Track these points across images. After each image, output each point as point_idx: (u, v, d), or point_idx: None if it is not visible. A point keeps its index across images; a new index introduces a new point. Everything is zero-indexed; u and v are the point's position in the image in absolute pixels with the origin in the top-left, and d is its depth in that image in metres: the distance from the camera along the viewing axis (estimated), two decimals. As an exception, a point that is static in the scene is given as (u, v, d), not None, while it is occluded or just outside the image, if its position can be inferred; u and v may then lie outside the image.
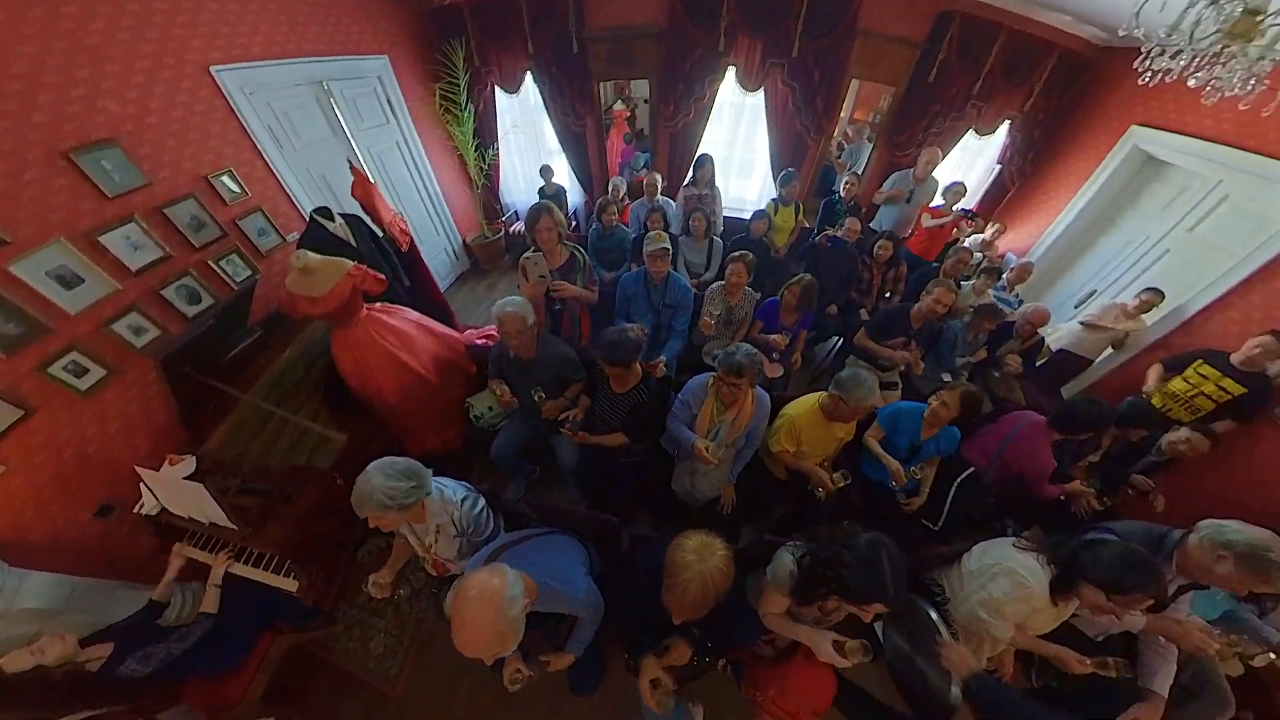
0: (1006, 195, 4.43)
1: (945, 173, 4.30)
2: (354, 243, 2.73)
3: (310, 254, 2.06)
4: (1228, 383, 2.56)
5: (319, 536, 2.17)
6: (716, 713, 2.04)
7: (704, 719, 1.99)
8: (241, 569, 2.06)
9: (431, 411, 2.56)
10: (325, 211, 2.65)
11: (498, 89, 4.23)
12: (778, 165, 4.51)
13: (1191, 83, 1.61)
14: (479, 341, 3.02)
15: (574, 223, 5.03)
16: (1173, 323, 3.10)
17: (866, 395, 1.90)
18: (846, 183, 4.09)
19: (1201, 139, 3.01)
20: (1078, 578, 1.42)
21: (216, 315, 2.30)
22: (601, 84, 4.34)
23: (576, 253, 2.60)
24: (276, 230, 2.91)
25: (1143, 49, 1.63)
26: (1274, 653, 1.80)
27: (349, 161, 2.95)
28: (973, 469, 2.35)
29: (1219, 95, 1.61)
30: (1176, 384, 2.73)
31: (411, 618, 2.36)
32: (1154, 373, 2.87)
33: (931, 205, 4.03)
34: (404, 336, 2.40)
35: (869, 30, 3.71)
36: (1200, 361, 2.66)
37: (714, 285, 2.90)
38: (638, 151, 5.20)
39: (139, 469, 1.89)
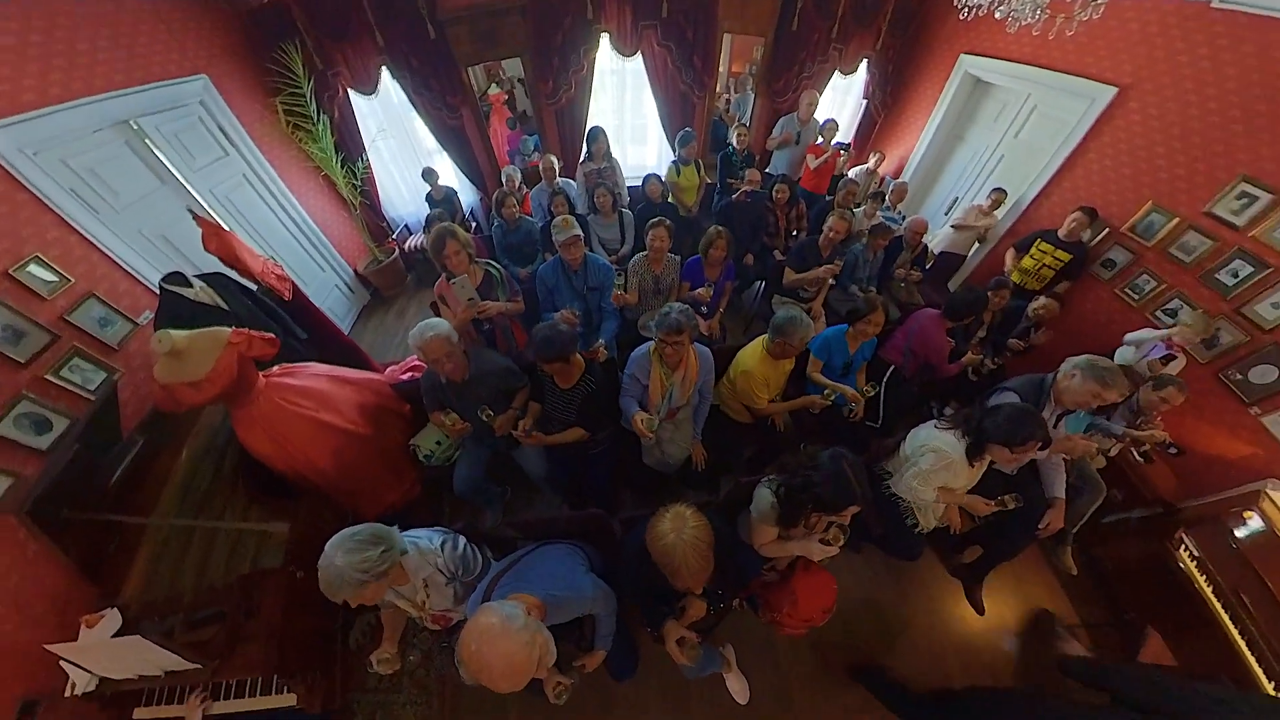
0: (875, 126, 5.00)
1: (821, 112, 4.69)
2: (225, 305, 2.41)
3: (174, 332, 1.82)
4: (1060, 253, 3.34)
5: (299, 638, 2.02)
6: (743, 644, 2.35)
7: (734, 654, 2.28)
8: (225, 705, 1.86)
9: (375, 467, 2.42)
10: (178, 277, 2.30)
11: (352, 92, 3.79)
12: (670, 127, 4.61)
13: (997, 15, 2.01)
14: (404, 377, 2.87)
15: (473, 224, 4.76)
16: (1015, 214, 3.90)
17: (808, 331, 2.14)
18: (738, 134, 4.27)
19: (1011, 61, 3.71)
20: (985, 442, 1.84)
21: (79, 437, 1.98)
22: (470, 69, 4.07)
23: (490, 269, 2.55)
24: (122, 314, 2.47)
25: None
26: (1120, 441, 2.53)
27: (190, 211, 2.53)
28: (894, 367, 2.82)
29: (1018, 24, 2.01)
30: (1026, 261, 3.50)
31: (432, 679, 2.30)
32: (1009, 256, 3.63)
33: (813, 142, 4.43)
34: (317, 395, 2.22)
35: None
36: (1039, 240, 3.43)
37: (636, 258, 2.97)
38: (524, 135, 4.99)
39: (51, 648, 1.60)
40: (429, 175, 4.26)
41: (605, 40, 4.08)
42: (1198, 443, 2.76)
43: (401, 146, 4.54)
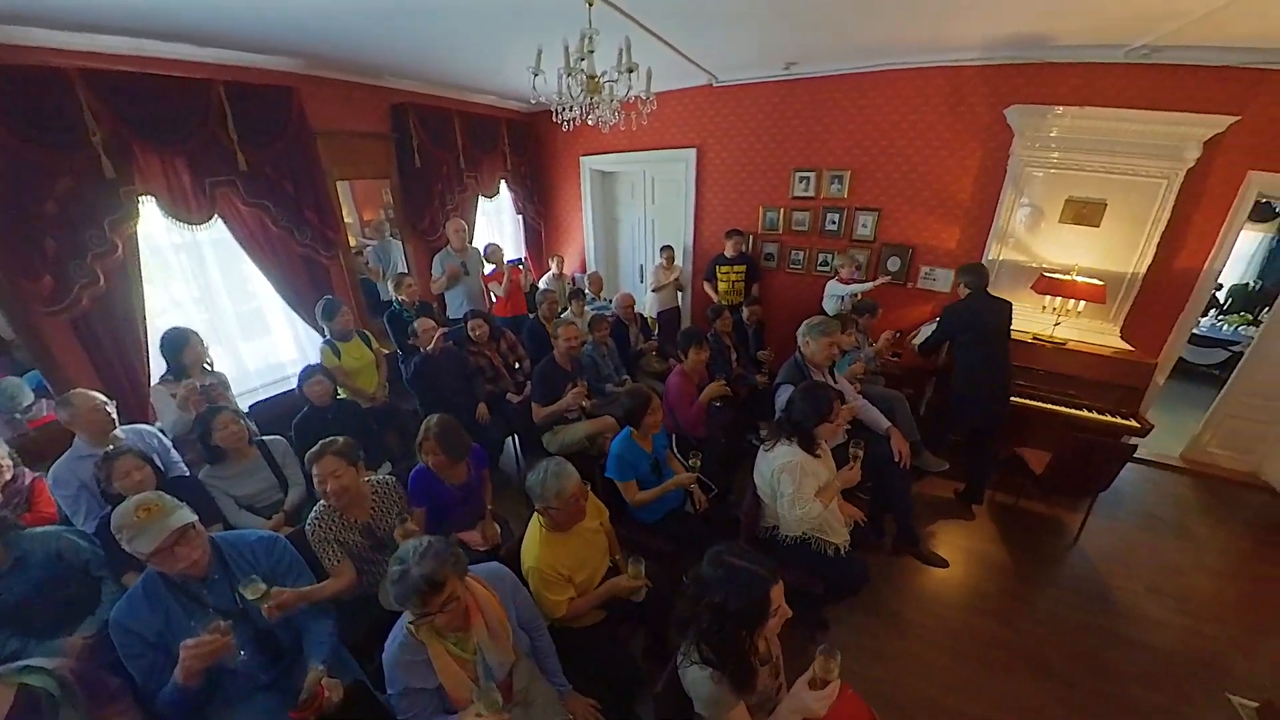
0: (542, 234, 5.87)
1: (482, 237, 5.18)
2: None
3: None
4: (737, 268, 4.75)
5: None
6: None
7: None
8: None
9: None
10: None
11: None
12: (299, 302, 3.83)
13: (590, 122, 2.67)
14: None
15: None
16: (689, 256, 5.33)
17: (564, 480, 1.85)
18: (399, 284, 4.05)
19: (619, 151, 5.23)
20: (806, 430, 2.18)
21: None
22: None
23: None
24: None
25: (552, 109, 2.63)
26: (874, 352, 3.64)
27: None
28: (675, 435, 3.08)
29: (607, 125, 2.73)
30: (722, 284, 4.78)
31: None
32: (708, 287, 4.90)
33: (486, 273, 4.73)
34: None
35: (330, 130, 3.83)
36: (717, 266, 4.78)
37: (317, 511, 2.05)
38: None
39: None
40: None
41: (153, 206, 3.05)
42: (906, 319, 4.36)
43: None
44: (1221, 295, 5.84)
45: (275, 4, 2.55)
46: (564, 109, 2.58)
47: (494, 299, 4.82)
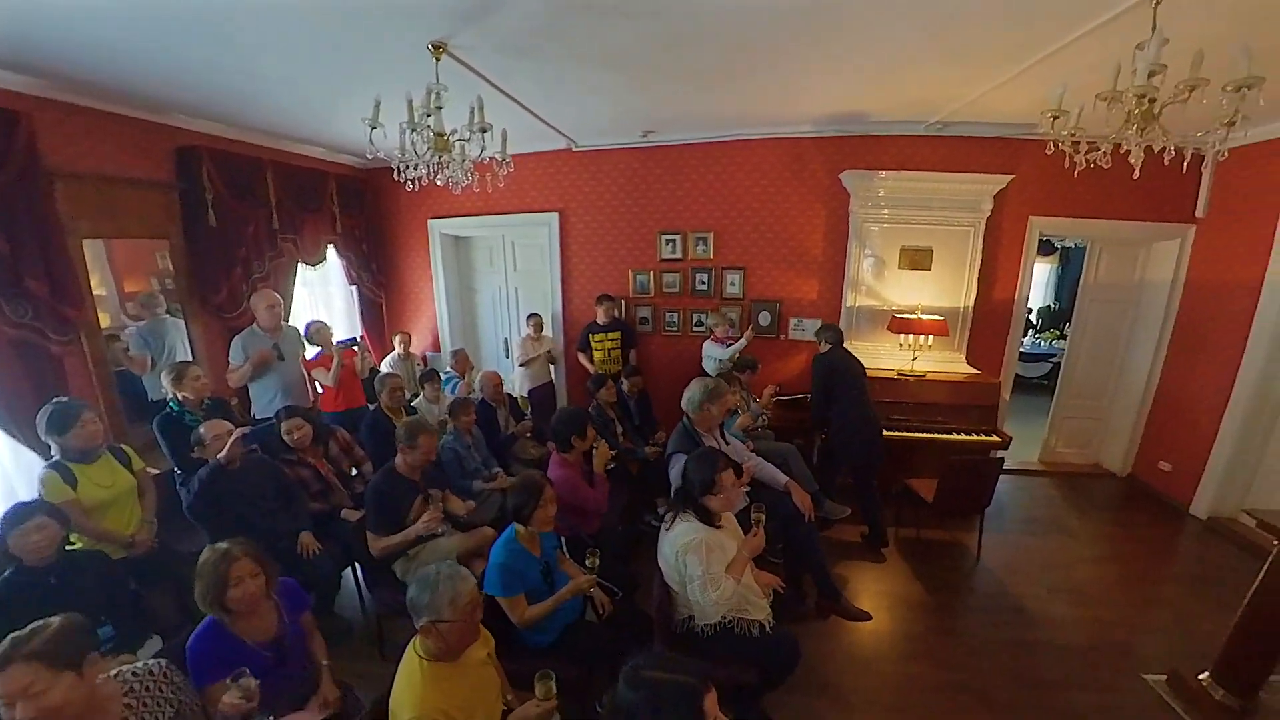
0: (382, 308, 5.28)
1: (304, 314, 4.48)
2: None
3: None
4: (611, 335, 4.72)
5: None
6: None
7: None
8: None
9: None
10: None
11: None
12: (7, 408, 2.84)
13: (439, 182, 2.62)
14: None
15: None
16: (559, 326, 5.21)
17: (459, 582, 1.62)
18: (180, 378, 3.09)
19: (474, 215, 5.03)
20: (702, 503, 2.14)
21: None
22: None
23: None
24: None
25: (393, 167, 2.54)
26: (760, 407, 3.82)
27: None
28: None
29: (459, 187, 2.69)
30: (597, 354, 4.72)
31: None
32: (583, 358, 4.85)
33: (309, 357, 4.02)
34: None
35: (79, 173, 3.09)
36: (590, 334, 4.74)
37: None
38: None
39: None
40: None
41: None
42: (785, 371, 4.71)
43: None
44: (1033, 317, 7.69)
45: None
46: (408, 167, 2.48)
47: (320, 389, 4.08)
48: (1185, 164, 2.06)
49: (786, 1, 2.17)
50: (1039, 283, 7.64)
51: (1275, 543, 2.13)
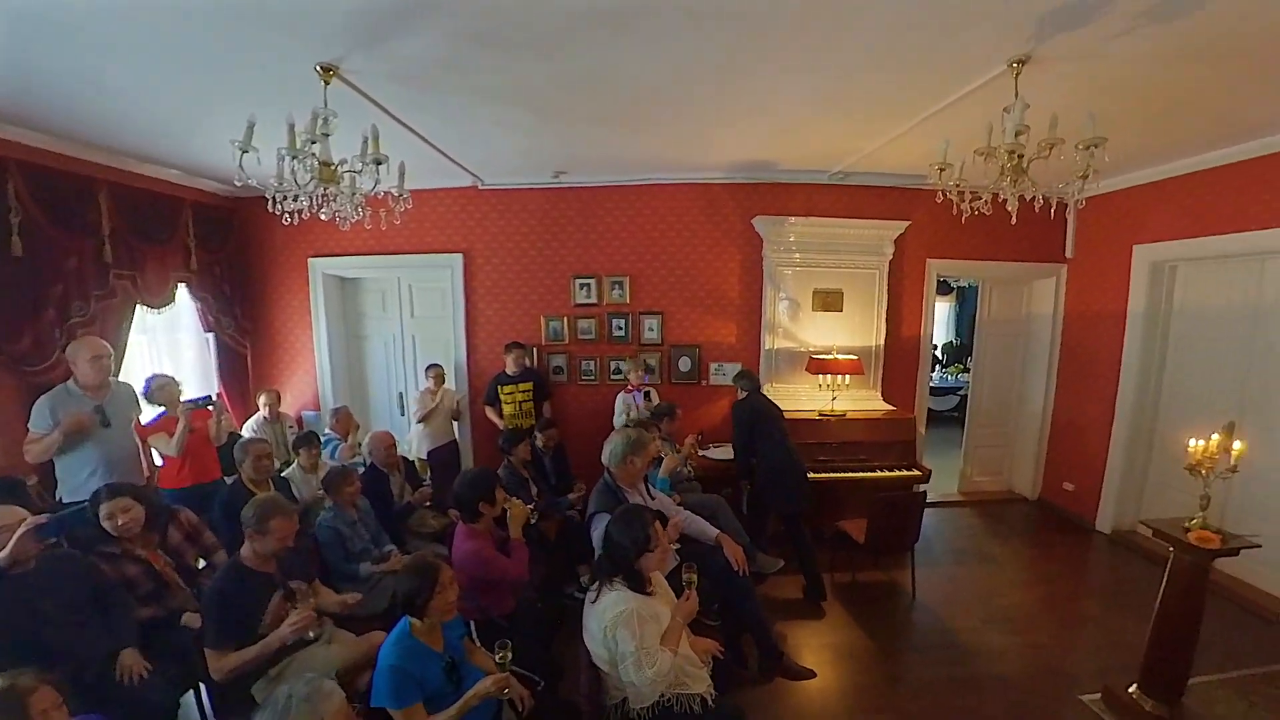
0: (247, 360, 4.65)
1: (142, 368, 3.83)
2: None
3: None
4: (522, 386, 4.47)
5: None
6: None
7: None
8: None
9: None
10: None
11: None
12: None
13: (323, 216, 2.44)
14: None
15: None
16: (463, 376, 4.91)
17: (322, 702, 1.41)
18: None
19: (365, 255, 4.66)
20: (630, 567, 2.02)
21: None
22: None
23: None
24: None
25: (268, 196, 2.32)
26: (683, 456, 3.73)
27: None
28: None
29: (347, 223, 2.51)
30: (507, 407, 4.45)
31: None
32: (491, 412, 4.54)
33: (147, 421, 3.38)
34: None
35: None
36: (499, 386, 4.46)
37: None
38: None
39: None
40: None
41: None
42: (707, 418, 4.71)
43: None
44: (939, 353, 8.45)
45: None
46: (285, 197, 2.29)
47: (159, 461, 3.40)
48: (1053, 210, 2.45)
49: (691, 53, 2.28)
50: (941, 320, 8.60)
51: (1170, 550, 2.33)
